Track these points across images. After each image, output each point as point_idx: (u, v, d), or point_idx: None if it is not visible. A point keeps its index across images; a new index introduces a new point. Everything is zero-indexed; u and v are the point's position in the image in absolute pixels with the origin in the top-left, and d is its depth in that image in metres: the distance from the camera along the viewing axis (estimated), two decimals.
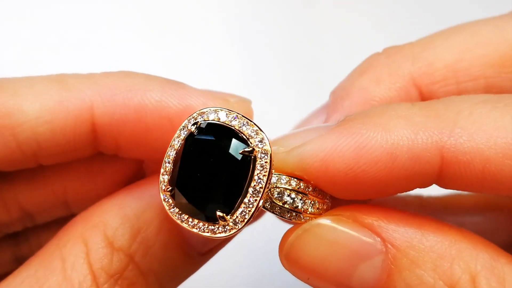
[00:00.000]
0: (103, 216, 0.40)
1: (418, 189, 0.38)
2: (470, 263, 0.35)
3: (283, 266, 0.38)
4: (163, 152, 0.41)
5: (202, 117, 0.37)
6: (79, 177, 0.46)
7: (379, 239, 0.36)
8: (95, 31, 0.83)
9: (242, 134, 0.36)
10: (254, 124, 0.37)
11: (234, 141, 0.36)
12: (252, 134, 0.36)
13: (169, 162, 0.37)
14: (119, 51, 0.82)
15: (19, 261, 0.42)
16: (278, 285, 0.70)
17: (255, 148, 0.36)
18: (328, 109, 0.45)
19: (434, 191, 0.50)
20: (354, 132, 0.35)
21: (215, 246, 0.42)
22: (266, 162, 0.36)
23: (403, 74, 0.43)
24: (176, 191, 0.36)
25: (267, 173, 0.36)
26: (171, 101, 0.40)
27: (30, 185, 0.46)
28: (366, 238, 0.36)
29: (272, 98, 0.77)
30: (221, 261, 0.50)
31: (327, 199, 0.38)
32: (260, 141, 0.36)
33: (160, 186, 0.37)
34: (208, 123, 0.37)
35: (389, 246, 0.35)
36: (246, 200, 0.36)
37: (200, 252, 0.42)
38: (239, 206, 0.36)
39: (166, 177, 0.37)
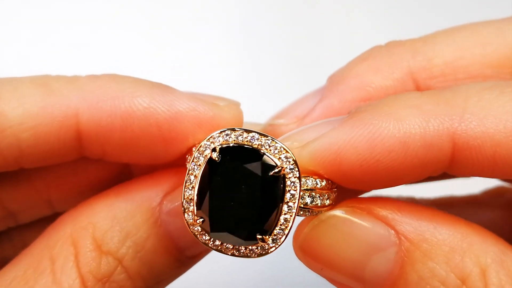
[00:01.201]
0: (92, 218, 0.40)
1: (410, 192, 0.40)
2: (481, 257, 0.35)
3: (297, 256, 0.39)
4: (150, 158, 0.41)
5: (219, 140, 0.37)
6: (62, 175, 0.46)
7: (393, 231, 0.36)
8: (95, 31, 0.83)
9: (266, 154, 0.37)
10: (274, 140, 0.37)
11: (261, 163, 0.36)
12: (276, 152, 0.37)
13: (191, 189, 0.37)
14: (118, 50, 0.83)
15: (2, 262, 0.42)
16: (276, 284, 0.70)
17: (282, 166, 0.36)
18: (323, 91, 0.45)
19: (426, 193, 0.50)
20: (366, 123, 0.36)
21: (204, 249, 0.42)
22: (295, 177, 0.36)
23: (401, 66, 0.43)
24: (209, 222, 0.37)
25: (297, 189, 0.36)
26: (159, 107, 0.39)
27: (12, 183, 0.45)
28: (380, 230, 0.36)
29: (272, 98, 0.78)
30: (219, 260, 0.50)
31: (335, 187, 0.39)
32: (286, 157, 0.37)
33: (186, 218, 0.37)
34: (229, 147, 0.37)
35: (403, 238, 0.36)
36: (282, 218, 0.36)
37: (189, 256, 0.42)
38: (276, 225, 0.36)
39: (192, 207, 0.37)
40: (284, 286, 0.73)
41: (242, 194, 0.36)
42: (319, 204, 0.38)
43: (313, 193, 0.37)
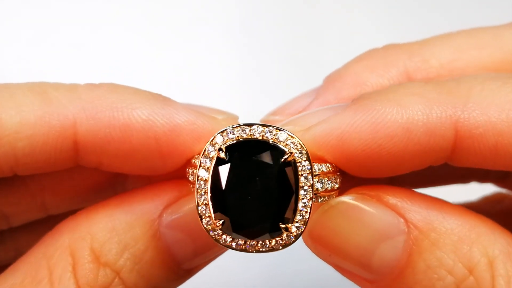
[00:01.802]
0: (91, 228, 0.39)
1: None
2: (488, 248, 0.36)
3: (305, 243, 0.39)
4: (147, 170, 0.41)
5: (222, 140, 0.37)
6: (58, 179, 0.46)
7: (402, 219, 0.36)
8: (95, 31, 0.83)
9: (272, 143, 0.37)
10: (277, 128, 0.37)
11: (269, 152, 0.36)
12: (282, 139, 0.37)
13: (204, 194, 0.37)
14: (118, 50, 0.83)
15: None
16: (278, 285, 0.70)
17: (291, 151, 0.36)
18: (319, 90, 0.45)
19: None
20: (370, 109, 0.36)
21: (202, 263, 0.42)
22: (305, 160, 0.36)
23: (397, 66, 0.43)
24: (230, 222, 0.36)
25: (310, 171, 0.36)
26: (158, 120, 0.39)
27: (6, 186, 0.45)
28: (389, 218, 0.37)
29: (272, 97, 0.78)
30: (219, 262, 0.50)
31: (338, 171, 0.39)
32: (292, 143, 0.37)
33: (203, 224, 0.37)
34: (234, 144, 0.37)
35: (412, 227, 0.36)
36: (300, 203, 0.36)
37: (186, 269, 0.41)
38: (296, 212, 0.36)
39: (208, 213, 0.37)
40: (285, 286, 0.73)
41: (257, 186, 0.36)
42: (329, 188, 0.38)
43: (321, 178, 0.37)
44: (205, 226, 0.37)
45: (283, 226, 0.36)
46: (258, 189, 0.36)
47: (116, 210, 0.40)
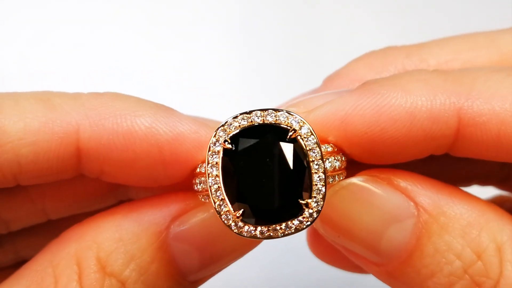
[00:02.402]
0: (98, 237, 0.39)
1: None
2: (497, 233, 0.36)
3: (314, 225, 0.38)
4: (149, 180, 0.41)
5: (224, 132, 0.37)
6: (59, 185, 0.45)
7: (412, 203, 0.37)
8: (95, 31, 0.84)
9: (274, 124, 0.37)
10: (277, 110, 0.37)
11: (274, 133, 0.36)
12: (283, 119, 0.37)
13: (217, 189, 0.36)
14: (118, 50, 0.83)
15: None
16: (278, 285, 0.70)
17: (295, 128, 0.36)
18: (318, 89, 0.45)
19: None
20: (374, 92, 0.37)
21: (208, 275, 0.42)
22: (310, 135, 0.37)
23: (396, 64, 0.44)
24: (250, 208, 0.36)
25: (317, 143, 0.36)
26: (161, 128, 0.39)
27: (7, 192, 0.44)
28: (400, 201, 0.37)
29: (272, 97, 0.78)
30: None
31: (340, 152, 0.39)
32: (294, 120, 0.37)
33: (223, 220, 0.36)
34: (238, 133, 0.37)
35: (421, 210, 0.36)
36: (315, 177, 0.36)
37: (191, 281, 0.41)
38: (312, 186, 0.36)
39: (225, 207, 0.36)
40: (285, 287, 0.73)
41: (269, 168, 0.36)
42: (337, 167, 0.38)
43: (328, 157, 0.37)
44: (225, 221, 0.36)
45: (303, 202, 0.36)
46: (270, 170, 0.36)
47: (123, 220, 0.40)
